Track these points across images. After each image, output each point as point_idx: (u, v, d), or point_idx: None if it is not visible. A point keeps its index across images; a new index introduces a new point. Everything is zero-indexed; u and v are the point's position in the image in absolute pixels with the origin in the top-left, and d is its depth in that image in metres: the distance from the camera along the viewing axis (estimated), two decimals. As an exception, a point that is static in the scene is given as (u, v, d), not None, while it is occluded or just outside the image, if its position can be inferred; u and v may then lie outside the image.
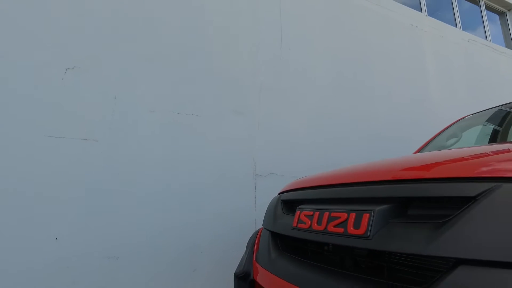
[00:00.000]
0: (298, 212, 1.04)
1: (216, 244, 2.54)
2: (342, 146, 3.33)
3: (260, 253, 1.21)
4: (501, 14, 6.02)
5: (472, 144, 2.26)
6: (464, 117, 2.52)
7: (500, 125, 2.19)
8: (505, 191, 0.59)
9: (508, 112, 2.26)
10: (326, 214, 0.89)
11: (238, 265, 1.32)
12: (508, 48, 5.88)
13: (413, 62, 4.21)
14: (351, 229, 0.78)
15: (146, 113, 2.52)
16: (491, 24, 6.00)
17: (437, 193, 0.69)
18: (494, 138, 2.10)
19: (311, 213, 0.96)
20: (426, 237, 0.64)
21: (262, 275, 1.13)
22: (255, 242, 1.31)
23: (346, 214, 0.82)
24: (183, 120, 2.64)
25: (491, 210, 0.59)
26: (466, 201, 0.64)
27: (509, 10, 5.98)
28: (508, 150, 0.82)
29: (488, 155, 0.78)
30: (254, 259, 1.23)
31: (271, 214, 1.29)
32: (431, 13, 4.94)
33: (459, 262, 0.58)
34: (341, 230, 0.81)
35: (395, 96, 3.89)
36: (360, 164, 1.19)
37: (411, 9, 4.56)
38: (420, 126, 3.83)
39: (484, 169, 0.68)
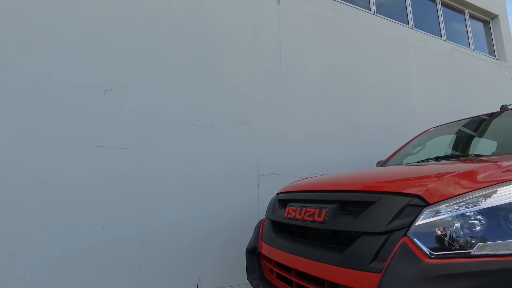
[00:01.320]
0: (288, 207, 1.61)
1: (226, 231, 3.11)
2: (333, 151, 3.87)
3: (264, 234, 1.78)
4: (485, 23, 6.48)
5: (433, 151, 2.78)
6: (429, 129, 3.05)
7: (458, 136, 2.73)
8: (384, 199, 1.15)
9: (466, 126, 2.79)
10: (304, 209, 1.45)
11: (248, 243, 1.90)
12: (491, 55, 6.37)
13: (398, 73, 4.72)
14: (316, 218, 1.35)
15: (168, 125, 3.08)
16: (479, 32, 6.48)
17: (358, 198, 1.25)
18: (451, 148, 2.63)
19: (295, 208, 1.52)
20: (351, 222, 1.21)
21: (265, 248, 1.71)
22: (260, 227, 1.89)
23: (313, 210, 1.38)
24: (198, 130, 3.19)
25: (379, 208, 1.15)
26: (371, 204, 1.20)
27: (492, 19, 6.44)
28: (402, 175, 1.38)
29: (392, 176, 1.35)
30: (260, 239, 1.81)
31: (271, 208, 1.87)
32: (418, 23, 5.42)
33: (364, 233, 1.15)
34: (311, 218, 1.38)
35: (380, 106, 4.42)
36: (326, 176, 1.77)
37: (398, 23, 5.05)
38: (402, 132, 4.35)
39: (380, 184, 1.25)
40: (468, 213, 1.02)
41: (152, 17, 3.19)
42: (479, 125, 2.57)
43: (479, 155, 2.08)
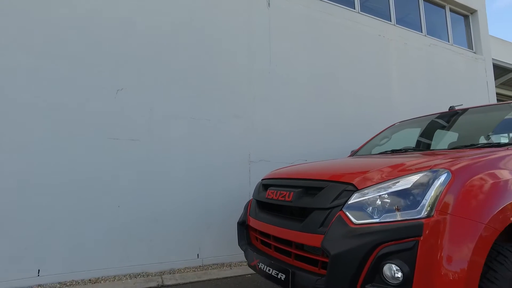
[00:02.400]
0: (268, 190, 2.15)
1: (222, 209, 3.67)
2: (316, 140, 4.40)
3: (251, 211, 2.32)
4: (465, 17, 6.89)
5: (395, 143, 3.30)
6: (394, 124, 3.57)
7: (414, 132, 3.25)
8: (331, 185, 1.69)
9: (423, 123, 3.30)
10: (279, 192, 1.99)
11: (239, 218, 2.46)
12: (469, 48, 6.82)
13: (379, 68, 5.19)
14: (286, 198, 1.89)
15: (172, 119, 3.56)
16: (460, 26, 6.89)
17: (314, 185, 1.79)
18: (407, 141, 3.16)
19: (273, 191, 2.06)
20: (309, 201, 1.75)
21: (252, 221, 2.25)
22: (248, 205, 2.44)
23: (285, 192, 1.92)
24: (198, 123, 3.69)
25: (327, 192, 1.69)
26: (322, 189, 1.73)
27: (471, 14, 6.84)
28: (351, 166, 1.91)
29: (340, 169, 1.89)
30: (248, 214, 2.36)
31: (257, 190, 2.40)
32: (400, 19, 5.83)
33: (316, 209, 1.69)
34: (283, 198, 1.92)
35: (362, 98, 4.91)
36: (299, 165, 2.32)
37: (381, 20, 5.46)
38: (381, 124, 4.85)
39: (329, 175, 1.79)
40: (381, 196, 1.55)
41: (157, 25, 3.61)
42: (431, 122, 3.09)
43: (419, 150, 2.64)
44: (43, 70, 3.05)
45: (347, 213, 1.58)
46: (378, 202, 1.54)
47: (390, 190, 1.55)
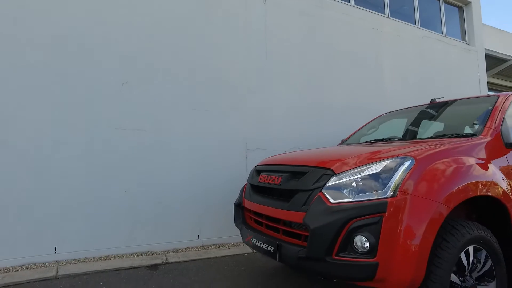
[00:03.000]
0: (261, 175, 2.41)
1: (221, 194, 3.94)
2: (309, 129, 4.64)
3: (246, 194, 2.60)
4: (460, 8, 7.02)
5: (381, 133, 3.55)
6: (382, 115, 3.81)
7: (399, 122, 3.49)
8: (313, 171, 1.96)
9: (407, 114, 3.53)
10: (269, 177, 2.26)
11: (236, 200, 2.74)
12: (463, 39, 6.98)
13: (371, 60, 5.39)
14: (275, 182, 2.16)
15: (174, 110, 3.81)
16: (455, 17, 7.03)
17: (299, 170, 2.05)
18: (390, 131, 3.41)
19: (265, 176, 2.33)
20: (295, 184, 2.01)
21: (247, 203, 2.53)
22: (243, 189, 2.71)
23: (275, 177, 2.19)
24: (198, 114, 3.93)
25: (309, 176, 1.95)
26: (305, 173, 1.99)
27: (465, 5, 6.97)
28: (332, 154, 2.18)
29: (323, 156, 2.15)
30: (243, 197, 2.63)
31: (251, 176, 2.67)
32: (394, 11, 5.98)
33: (300, 190, 1.96)
34: (273, 182, 2.19)
35: (354, 89, 5.13)
36: (287, 153, 2.58)
37: (375, 13, 5.62)
38: (374, 111, 5.08)
39: (311, 162, 2.05)
40: (354, 179, 1.81)
41: (158, 23, 3.81)
42: (414, 114, 3.34)
43: (399, 139, 2.91)
44: (54, 66, 3.28)
45: (325, 193, 1.84)
46: (352, 184, 1.81)
47: (362, 174, 1.82)
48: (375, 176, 1.79)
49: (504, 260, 2.02)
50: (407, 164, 1.79)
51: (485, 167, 2.05)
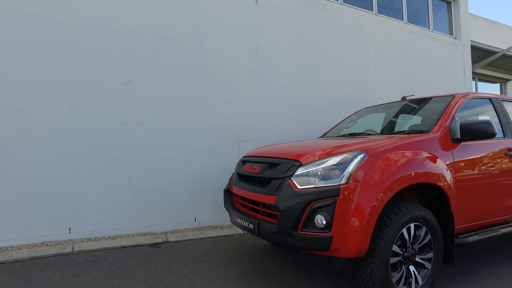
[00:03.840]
0: (245, 165, 2.83)
1: (215, 181, 4.37)
2: (297, 121, 5.03)
3: (233, 180, 3.02)
4: (448, 3, 7.26)
5: (359, 127, 3.93)
6: (360, 110, 4.19)
7: (374, 117, 3.87)
8: (285, 162, 2.37)
9: (386, 108, 3.90)
10: (251, 166, 2.67)
11: (225, 186, 3.17)
12: (450, 34, 7.25)
13: (357, 55, 5.72)
14: (256, 171, 2.57)
15: (172, 106, 4.20)
16: (444, 12, 7.28)
17: (274, 161, 2.46)
18: (364, 125, 3.78)
19: (248, 166, 2.75)
20: (270, 173, 2.42)
21: (234, 189, 2.96)
22: (232, 177, 3.14)
23: (256, 167, 2.60)
24: (194, 109, 4.32)
25: (282, 166, 2.36)
26: (279, 164, 2.41)
27: (454, 0, 7.21)
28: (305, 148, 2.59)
29: (296, 149, 2.56)
30: (231, 183, 3.06)
31: (238, 165, 3.09)
32: (382, 7, 6.25)
33: (274, 178, 2.37)
34: (253, 171, 2.61)
35: (341, 83, 5.49)
36: (269, 146, 2.99)
37: (362, 10, 5.91)
38: (359, 105, 5.44)
39: (284, 155, 2.46)
40: (317, 169, 2.22)
41: (156, 26, 4.16)
42: (386, 110, 3.72)
43: (369, 134, 3.31)
44: (64, 68, 3.66)
45: (294, 181, 2.26)
46: (315, 173, 2.22)
47: (323, 165, 2.23)
48: (333, 167, 2.20)
49: (443, 235, 2.46)
50: (359, 157, 2.20)
51: (431, 159, 2.45)
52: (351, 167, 2.16)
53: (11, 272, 2.88)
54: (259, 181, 2.61)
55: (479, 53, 9.17)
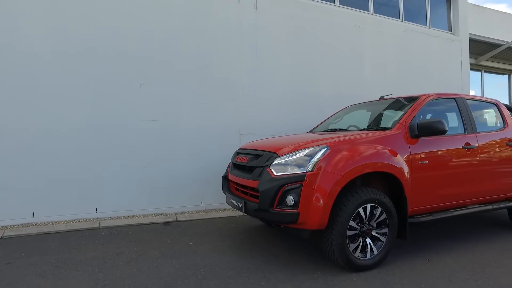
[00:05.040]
0: (238, 156, 3.43)
1: (219, 169, 4.97)
2: (296, 116, 5.54)
3: (230, 169, 3.63)
4: (448, 0, 7.48)
5: (343, 123, 4.41)
6: (347, 107, 4.67)
7: (355, 114, 4.36)
8: (265, 154, 2.95)
9: (368, 106, 4.37)
10: (242, 157, 3.27)
11: (224, 173, 3.80)
12: (449, 30, 7.49)
13: (353, 54, 6.13)
14: (245, 161, 3.16)
15: (181, 104, 4.82)
16: (443, 8, 7.51)
17: (258, 153, 3.04)
18: (346, 122, 4.27)
19: (240, 157, 3.34)
20: (255, 162, 3.00)
21: (230, 176, 3.57)
22: (228, 166, 3.75)
23: (245, 157, 3.19)
24: (200, 107, 4.93)
25: (263, 157, 2.93)
26: (261, 155, 2.99)
27: (452, -4, 7.42)
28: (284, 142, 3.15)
29: (276, 143, 3.12)
30: (228, 171, 3.67)
31: (233, 156, 3.69)
32: (378, 7, 6.59)
33: (257, 167, 2.95)
34: (243, 161, 3.20)
35: (337, 80, 5.94)
36: (259, 140, 3.57)
37: (358, 10, 6.29)
38: (354, 101, 5.88)
39: (266, 148, 3.03)
40: (289, 159, 2.79)
41: (167, 33, 4.75)
42: (368, 107, 4.20)
43: (345, 130, 3.82)
44: (87, 72, 4.34)
45: (271, 169, 2.84)
46: (288, 163, 2.79)
47: (294, 157, 2.79)
48: (302, 158, 2.76)
49: (397, 214, 2.98)
50: (323, 150, 2.75)
51: (386, 152, 2.96)
52: (315, 158, 2.71)
53: (55, 240, 3.63)
54: (247, 169, 3.21)
55: (484, 46, 9.31)
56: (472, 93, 10.46)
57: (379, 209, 2.88)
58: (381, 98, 4.18)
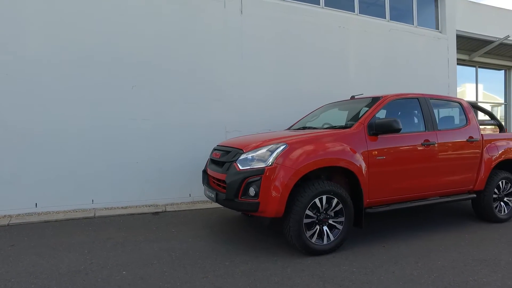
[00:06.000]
0: (214, 152, 3.80)
1: (205, 162, 5.35)
2: (279, 114, 5.86)
3: (208, 164, 4.01)
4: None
5: (318, 121, 4.71)
6: (323, 105, 4.97)
7: (328, 113, 4.65)
8: (233, 150, 3.31)
9: (341, 105, 4.67)
10: (215, 153, 3.64)
11: (204, 168, 4.18)
12: (437, 29, 7.66)
13: (337, 54, 6.40)
14: (217, 157, 3.53)
15: (171, 104, 5.20)
16: (431, 7, 7.67)
17: (228, 149, 3.40)
18: (318, 120, 4.57)
19: (215, 153, 3.71)
20: (226, 158, 3.37)
21: (208, 170, 3.94)
22: (207, 161, 4.13)
23: (218, 153, 3.55)
24: (189, 106, 5.31)
25: (232, 153, 3.29)
26: (230, 151, 3.35)
27: (440, -5, 7.57)
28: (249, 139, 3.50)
29: (244, 141, 3.47)
30: (207, 166, 4.05)
31: (211, 152, 4.06)
32: (365, 8, 6.81)
33: (226, 162, 3.31)
34: (217, 157, 3.57)
35: (320, 79, 6.22)
36: (234, 138, 3.94)
37: (343, 12, 6.53)
38: (337, 98, 6.16)
39: (235, 145, 3.39)
40: (252, 155, 3.13)
41: (157, 38, 5.12)
42: (340, 106, 4.49)
43: (310, 128, 4.13)
44: (85, 76, 4.75)
45: (237, 163, 3.19)
46: (251, 158, 3.14)
47: (257, 153, 3.14)
48: (263, 154, 3.11)
49: (354, 205, 3.30)
50: (282, 147, 3.08)
51: (344, 149, 3.28)
52: (274, 154, 3.06)
53: (55, 228, 4.07)
54: (220, 164, 3.57)
55: (477, 43, 9.40)
56: (463, 89, 10.58)
57: (335, 200, 3.21)
58: (352, 97, 4.47)
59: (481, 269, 2.89)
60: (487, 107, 10.72)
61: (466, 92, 10.62)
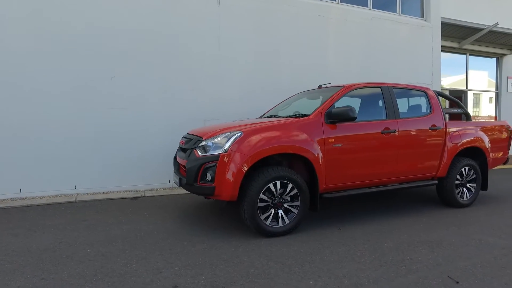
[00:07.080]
0: (181, 140, 3.99)
1: (185, 153, 5.58)
2: (256, 103, 5.99)
3: (177, 151, 4.20)
4: (420, -13, 7.59)
5: (289, 109, 4.84)
6: (295, 94, 5.09)
7: (298, 101, 4.78)
8: (195, 138, 3.50)
9: (310, 94, 4.79)
10: (182, 141, 3.83)
11: (175, 155, 4.38)
12: (422, 17, 7.64)
13: (316, 43, 6.46)
14: (183, 145, 3.72)
15: (149, 94, 5.37)
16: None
17: (192, 137, 3.59)
18: (289, 109, 4.71)
19: (182, 140, 3.90)
20: (189, 145, 3.56)
21: (177, 157, 4.14)
22: (177, 149, 4.32)
23: (183, 141, 3.74)
24: (168, 95, 5.47)
25: (193, 141, 3.48)
26: (192, 139, 3.53)
27: (424, -17, 7.52)
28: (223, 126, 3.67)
29: (208, 129, 3.64)
30: (176, 153, 4.25)
31: (180, 140, 4.26)
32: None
33: (188, 149, 3.51)
34: (182, 144, 3.76)
35: (298, 69, 6.32)
36: (201, 127, 4.10)
37: (324, 1, 6.56)
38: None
39: (196, 133, 3.57)
40: (210, 143, 3.30)
41: (134, 29, 5.24)
42: (309, 94, 4.62)
43: (277, 116, 4.27)
44: (66, 68, 4.93)
45: (197, 150, 3.38)
46: (208, 145, 3.32)
47: (214, 140, 3.32)
48: (219, 141, 3.28)
49: (310, 190, 3.47)
50: (237, 135, 3.25)
51: (299, 136, 3.43)
52: (230, 141, 3.23)
53: (36, 211, 4.33)
54: (184, 151, 3.76)
55: (466, 30, 9.32)
56: (451, 77, 10.53)
57: (290, 185, 3.38)
58: (319, 86, 4.59)
59: (422, 249, 3.07)
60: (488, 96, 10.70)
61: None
